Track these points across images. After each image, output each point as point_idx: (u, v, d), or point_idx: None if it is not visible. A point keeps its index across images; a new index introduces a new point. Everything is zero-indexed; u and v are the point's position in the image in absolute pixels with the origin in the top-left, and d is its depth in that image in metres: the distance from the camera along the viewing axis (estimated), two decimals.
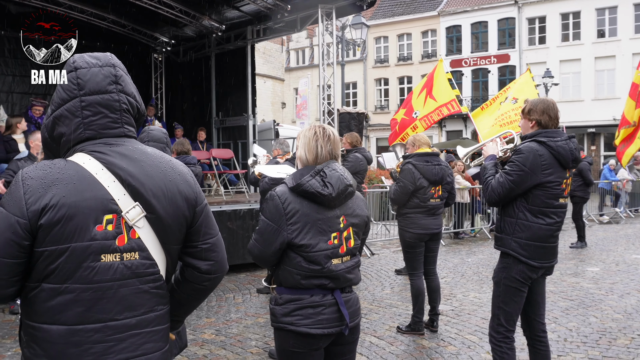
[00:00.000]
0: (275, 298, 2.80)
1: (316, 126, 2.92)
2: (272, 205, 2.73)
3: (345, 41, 18.89)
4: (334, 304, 2.73)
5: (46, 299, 1.73)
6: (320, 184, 2.69)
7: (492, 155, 4.16)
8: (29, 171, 1.77)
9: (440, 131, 36.29)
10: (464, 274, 8.84)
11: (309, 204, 2.71)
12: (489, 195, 3.92)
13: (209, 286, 2.04)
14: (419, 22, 37.63)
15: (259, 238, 2.76)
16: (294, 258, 2.71)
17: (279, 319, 2.74)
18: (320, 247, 2.69)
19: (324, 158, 2.82)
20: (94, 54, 1.93)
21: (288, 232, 2.68)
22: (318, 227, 2.71)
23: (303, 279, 2.70)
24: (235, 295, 7.57)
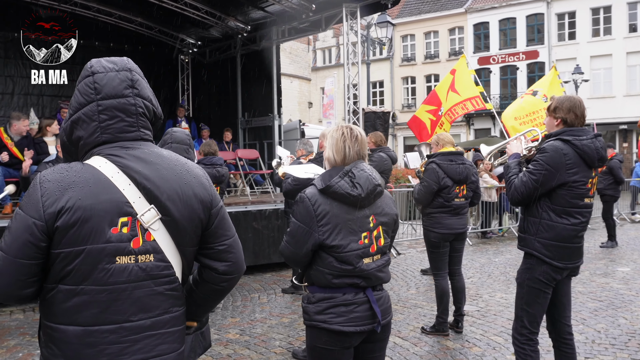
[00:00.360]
0: (307, 296, 2.85)
1: (343, 127, 2.94)
2: (303, 207, 2.78)
3: (371, 40, 18.82)
4: (366, 302, 2.78)
5: (63, 300, 1.76)
6: (350, 185, 2.73)
7: (516, 154, 4.10)
8: (47, 174, 1.79)
9: (468, 129, 35.97)
10: (490, 274, 8.75)
11: (339, 204, 2.75)
12: (512, 194, 3.87)
13: (227, 287, 2.06)
14: (446, 20, 37.33)
15: (290, 240, 2.82)
16: (326, 258, 2.76)
17: (312, 317, 2.79)
18: (352, 247, 2.73)
19: (352, 158, 2.85)
20: (111, 59, 1.95)
21: (319, 234, 2.72)
22: (348, 228, 2.75)
23: (335, 278, 2.75)
24: (260, 295, 7.60)
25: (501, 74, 35.67)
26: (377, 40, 18.72)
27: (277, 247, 9.01)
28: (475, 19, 36.26)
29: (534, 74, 34.10)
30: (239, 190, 12.02)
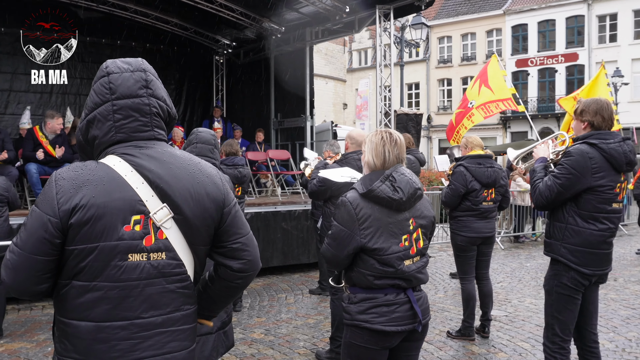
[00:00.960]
0: (349, 297, 2.93)
1: (382, 131, 2.99)
2: (345, 211, 2.84)
3: (405, 42, 18.72)
4: (407, 302, 2.84)
5: (76, 295, 1.79)
6: (391, 189, 2.79)
7: (542, 158, 4.04)
8: (62, 172, 1.84)
9: (504, 132, 35.50)
10: (521, 278, 8.62)
11: (380, 208, 2.81)
12: (537, 199, 3.81)
13: (242, 284, 2.07)
14: (484, 21, 36.91)
15: (332, 242, 2.89)
16: (368, 260, 2.82)
17: (354, 317, 2.86)
18: (393, 250, 2.80)
19: (392, 162, 2.90)
20: (126, 60, 1.98)
21: (361, 237, 2.79)
22: (389, 231, 2.81)
23: (376, 279, 2.82)
24: (287, 295, 7.63)
25: (539, 77, 35.11)
26: (411, 42, 18.60)
27: (306, 247, 9.05)
28: (514, 20, 35.77)
29: (573, 76, 33.49)
30: (269, 190, 12.08)
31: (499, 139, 35.32)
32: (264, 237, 8.66)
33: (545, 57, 34.63)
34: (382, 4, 10.50)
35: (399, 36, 18.38)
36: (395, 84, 20.27)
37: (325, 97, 36.63)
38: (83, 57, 12.52)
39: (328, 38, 13.24)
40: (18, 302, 7.00)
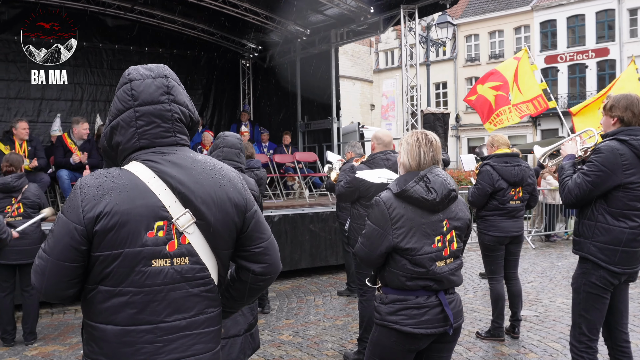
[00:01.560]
0: (380, 297, 2.96)
1: (418, 132, 3.02)
2: (378, 210, 2.88)
3: (431, 41, 18.61)
4: (438, 305, 2.85)
5: (102, 300, 1.83)
6: (425, 190, 2.82)
7: (571, 155, 3.98)
8: (86, 180, 1.87)
9: (534, 130, 35.02)
10: (552, 278, 8.50)
11: (414, 208, 2.84)
12: (565, 196, 3.76)
13: (263, 286, 2.12)
14: (512, 18, 36.49)
15: (365, 242, 2.93)
16: (400, 261, 2.85)
17: (383, 317, 2.89)
18: (425, 251, 2.82)
19: (427, 164, 2.94)
20: (148, 66, 2.00)
21: (394, 237, 2.82)
22: (422, 231, 2.84)
23: (408, 280, 2.84)
24: (316, 297, 7.65)
25: (569, 73, 34.56)
26: (437, 41, 18.47)
27: (334, 249, 9.04)
28: (542, 16, 35.29)
29: (604, 72, 32.88)
30: (297, 192, 12.11)
31: (529, 136, 34.85)
32: (292, 239, 8.69)
33: (575, 53, 34.07)
34: (406, 4, 10.45)
35: (425, 36, 18.28)
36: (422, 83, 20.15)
37: (352, 99, 36.59)
38: (112, 65, 12.74)
39: (353, 39, 13.21)
40: (52, 306, 7.14)
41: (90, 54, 12.53)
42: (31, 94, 11.80)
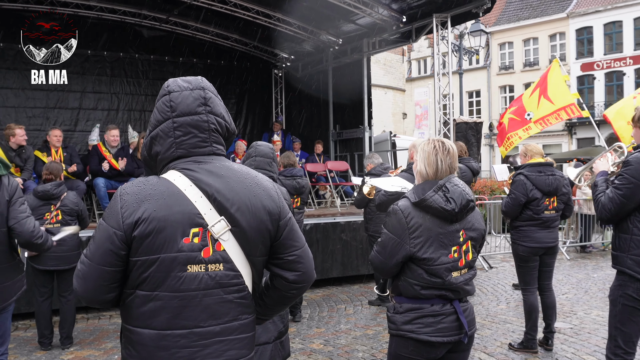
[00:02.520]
0: (394, 306, 2.94)
1: (435, 140, 2.98)
2: (395, 219, 2.86)
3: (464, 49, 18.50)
4: (454, 313, 2.85)
5: (139, 304, 1.88)
6: (444, 200, 2.79)
7: (603, 172, 3.96)
8: (126, 187, 1.94)
9: (570, 139, 34.47)
10: (587, 290, 8.34)
11: (432, 218, 2.82)
12: (600, 212, 3.73)
13: (296, 294, 2.14)
14: (547, 25, 36.03)
15: (381, 250, 2.90)
16: (415, 270, 2.84)
17: (399, 327, 2.87)
18: (442, 261, 2.81)
19: (444, 172, 2.90)
20: (186, 78, 2.07)
21: (411, 246, 2.81)
22: (440, 241, 2.82)
23: (423, 289, 2.83)
24: (346, 306, 7.64)
25: (606, 81, 33.94)
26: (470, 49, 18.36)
27: (365, 258, 9.02)
28: (578, 23, 34.76)
29: None
30: (328, 201, 12.14)
31: (564, 145, 34.32)
32: (323, 248, 8.71)
33: (612, 60, 33.46)
34: (438, 13, 10.43)
35: (458, 44, 18.19)
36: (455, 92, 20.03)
37: (384, 107, 36.53)
38: (147, 75, 13.02)
39: (385, 48, 13.23)
40: (87, 311, 7.28)
41: (126, 64, 12.83)
42: (69, 104, 12.13)
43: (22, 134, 8.02)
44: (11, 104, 11.55)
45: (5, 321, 3.96)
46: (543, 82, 9.68)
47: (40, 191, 5.76)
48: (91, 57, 12.36)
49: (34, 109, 11.80)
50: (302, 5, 11.19)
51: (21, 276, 4.02)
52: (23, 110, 11.65)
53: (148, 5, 11.93)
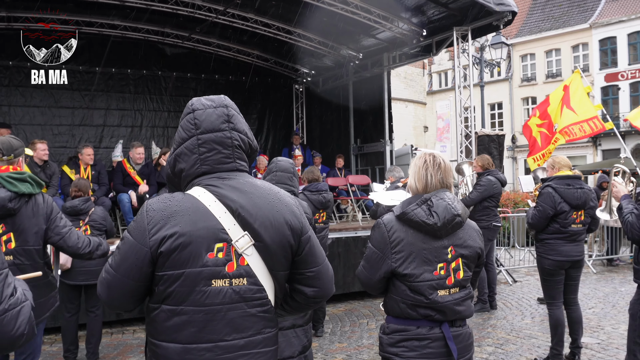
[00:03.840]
0: (383, 327, 2.84)
1: (426, 154, 2.90)
2: (378, 232, 2.78)
3: (485, 62, 18.43)
4: (441, 338, 2.68)
5: (165, 319, 1.92)
6: (426, 213, 2.69)
7: (625, 195, 3.96)
8: (152, 203, 1.98)
9: (595, 150, 34.05)
10: (615, 304, 8.20)
11: (415, 232, 2.71)
12: (630, 232, 3.71)
13: (314, 306, 2.22)
14: (569, 36, 35.75)
15: (365, 265, 2.84)
16: (400, 287, 2.73)
17: (385, 349, 2.77)
18: (425, 278, 2.67)
19: (434, 187, 2.80)
20: (210, 97, 2.12)
21: (392, 261, 2.70)
22: (423, 257, 2.69)
23: (409, 308, 2.70)
24: (369, 321, 7.60)
25: (631, 91, 33.49)
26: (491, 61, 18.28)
27: None
28: (601, 34, 34.44)
29: None
30: (350, 215, 12.12)
31: (589, 157, 33.91)
32: (345, 262, 8.69)
33: (637, 70, 33.04)
34: (459, 26, 10.43)
35: (479, 57, 18.13)
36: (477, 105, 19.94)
37: (405, 121, 36.49)
38: (170, 91, 13.22)
39: (405, 62, 13.26)
40: (111, 326, 7.33)
41: (149, 81, 13.04)
42: (94, 121, 12.34)
43: (43, 149, 8.13)
44: (38, 121, 11.81)
45: (37, 337, 4.01)
46: (566, 92, 9.58)
47: (69, 207, 5.85)
48: (115, 74, 12.59)
49: (60, 126, 12.03)
50: (322, 20, 11.28)
51: (54, 292, 4.07)
52: (49, 128, 11.89)
53: (171, 23, 12.11)
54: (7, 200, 3.67)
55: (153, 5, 10.69)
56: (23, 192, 3.74)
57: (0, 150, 3.85)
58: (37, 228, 3.82)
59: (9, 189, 3.69)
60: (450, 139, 24.78)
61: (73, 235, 3.98)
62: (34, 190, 3.82)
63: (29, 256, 3.79)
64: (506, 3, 9.43)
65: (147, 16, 11.59)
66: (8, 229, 3.73)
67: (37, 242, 3.83)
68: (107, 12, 11.31)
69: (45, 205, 3.90)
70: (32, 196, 3.84)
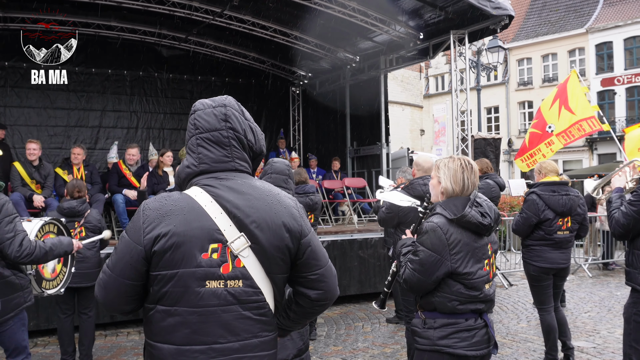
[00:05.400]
0: (425, 322, 2.97)
1: (459, 158, 3.06)
2: (435, 236, 2.89)
3: (482, 65, 18.46)
4: (485, 327, 2.94)
5: (159, 319, 1.91)
6: (480, 215, 2.89)
7: (618, 188, 3.98)
8: (149, 202, 1.98)
9: (590, 154, 34.10)
10: (611, 308, 8.20)
11: (468, 233, 2.90)
12: (614, 228, 3.72)
13: (318, 311, 2.17)
14: (566, 41, 35.80)
15: (419, 268, 2.92)
16: (454, 285, 2.89)
17: (434, 342, 2.91)
18: (480, 274, 2.91)
19: (470, 189, 3.00)
20: (213, 98, 2.13)
21: (452, 262, 2.87)
22: (476, 255, 2.92)
23: (460, 304, 2.89)
24: (364, 324, 7.59)
25: (627, 96, 33.56)
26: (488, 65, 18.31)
27: (383, 275, 8.96)
28: (598, 38, 34.50)
29: None
30: (346, 218, 12.11)
31: (585, 161, 33.95)
32: (341, 265, 8.67)
33: (633, 75, 33.11)
34: (456, 29, 10.42)
35: (475, 60, 18.15)
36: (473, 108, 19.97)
37: (401, 124, 36.51)
38: (166, 93, 13.19)
39: (402, 65, 13.24)
40: (105, 328, 7.30)
41: (146, 83, 13.01)
42: (89, 123, 12.31)
43: (33, 148, 8.13)
44: (33, 122, 11.77)
45: (14, 335, 3.99)
46: (563, 92, 9.56)
47: (67, 208, 5.81)
48: (111, 76, 12.56)
49: (56, 127, 12.00)
50: (319, 23, 11.27)
51: (20, 293, 4.02)
52: (45, 129, 11.86)
53: (167, 25, 12.09)
54: None
55: (150, 6, 10.66)
56: None
57: None
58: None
59: None
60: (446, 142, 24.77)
61: (14, 243, 3.85)
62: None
63: None
64: (503, 7, 9.43)
65: (144, 17, 11.57)
66: None
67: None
68: (103, 13, 11.26)
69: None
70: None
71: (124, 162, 9.06)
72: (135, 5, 10.68)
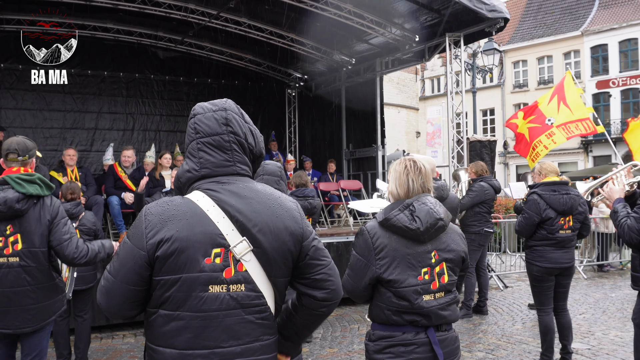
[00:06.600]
0: (368, 334, 2.83)
1: (407, 159, 2.90)
2: (362, 240, 2.77)
3: (477, 68, 18.51)
4: (427, 343, 2.67)
5: (162, 324, 1.91)
6: (409, 218, 2.68)
7: (619, 199, 3.93)
8: (151, 207, 1.97)
9: (585, 156, 34.21)
10: (605, 310, 8.22)
11: (398, 238, 2.71)
12: (628, 235, 3.68)
13: (326, 312, 2.13)
14: (561, 44, 35.93)
15: (350, 273, 2.80)
16: (384, 293, 2.71)
17: (371, 356, 2.75)
18: (410, 283, 2.67)
19: (416, 192, 2.80)
20: (213, 101, 2.12)
21: (377, 267, 2.69)
22: (407, 262, 2.68)
23: (394, 314, 2.69)
24: (360, 326, 7.59)
25: (622, 98, 33.68)
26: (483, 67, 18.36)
27: None
28: (593, 41, 34.62)
29: None
30: (342, 220, 12.12)
31: (580, 163, 34.04)
32: (337, 267, 8.65)
33: (628, 78, 33.22)
34: (451, 32, 10.46)
35: (471, 63, 18.20)
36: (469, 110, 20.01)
37: (397, 126, 36.53)
38: (162, 95, 13.20)
39: (398, 68, 13.29)
40: (100, 331, 7.28)
41: (142, 84, 13.02)
42: (85, 124, 12.30)
43: None
44: (29, 124, 11.75)
45: (42, 340, 3.97)
46: (560, 90, 9.55)
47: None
48: (107, 78, 12.56)
49: (51, 129, 11.99)
50: (315, 25, 11.30)
51: (61, 296, 4.04)
52: (40, 131, 11.84)
53: (164, 27, 12.10)
54: (14, 201, 3.66)
55: (146, 8, 10.67)
56: (31, 193, 3.72)
57: (16, 151, 3.84)
58: (42, 230, 3.79)
59: (17, 190, 3.68)
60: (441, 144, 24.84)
61: (72, 244, 3.90)
62: (42, 192, 3.80)
63: (35, 258, 3.76)
64: (498, 10, 9.48)
65: (140, 19, 11.57)
66: (15, 230, 3.72)
67: (43, 245, 3.80)
68: (100, 15, 11.28)
69: (51, 209, 3.86)
70: (40, 198, 3.81)
71: (120, 164, 9.05)
72: (131, 7, 10.68)
